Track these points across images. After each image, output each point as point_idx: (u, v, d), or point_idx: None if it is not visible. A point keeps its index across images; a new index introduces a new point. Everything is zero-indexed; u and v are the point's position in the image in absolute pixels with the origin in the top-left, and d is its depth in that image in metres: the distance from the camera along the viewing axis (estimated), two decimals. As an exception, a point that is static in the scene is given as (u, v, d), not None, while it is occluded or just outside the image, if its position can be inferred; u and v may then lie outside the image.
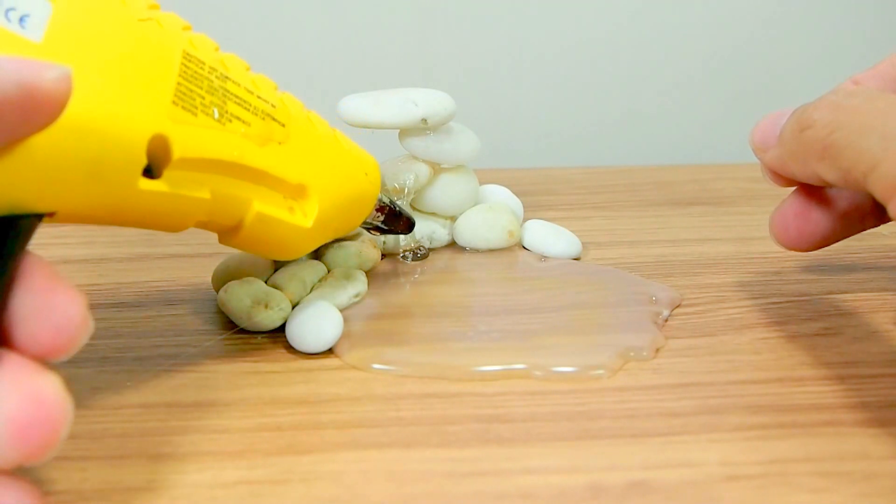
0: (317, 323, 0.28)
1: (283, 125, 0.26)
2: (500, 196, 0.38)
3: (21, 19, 0.19)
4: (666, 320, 0.30)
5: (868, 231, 0.29)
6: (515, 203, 0.39)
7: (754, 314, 0.31)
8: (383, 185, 0.32)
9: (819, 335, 0.29)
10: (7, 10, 0.19)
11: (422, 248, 0.36)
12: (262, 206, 0.26)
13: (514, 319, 0.31)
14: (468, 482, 0.22)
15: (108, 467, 0.22)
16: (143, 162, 0.22)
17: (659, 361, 0.28)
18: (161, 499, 0.21)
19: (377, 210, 0.32)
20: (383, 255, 0.36)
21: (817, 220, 0.28)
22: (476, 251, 0.37)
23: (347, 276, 0.32)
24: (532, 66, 0.57)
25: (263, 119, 0.25)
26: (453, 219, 0.37)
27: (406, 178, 0.35)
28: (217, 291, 0.31)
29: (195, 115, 0.23)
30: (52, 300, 0.19)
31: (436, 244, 0.37)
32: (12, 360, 0.18)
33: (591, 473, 0.22)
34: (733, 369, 0.27)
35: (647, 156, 0.57)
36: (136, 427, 0.24)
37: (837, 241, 0.28)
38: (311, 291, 0.31)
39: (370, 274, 0.34)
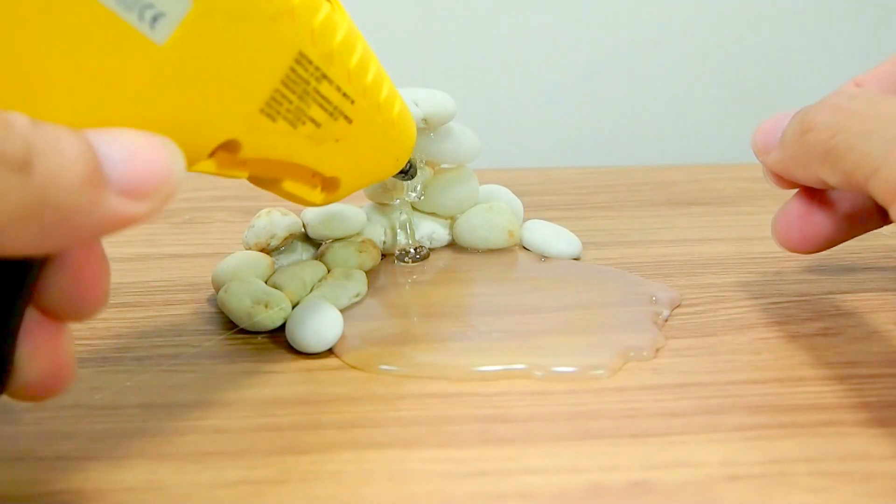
0: (317, 323, 0.28)
1: (351, 121, 0.25)
2: (500, 196, 0.38)
3: (155, 18, 0.18)
4: (666, 320, 0.30)
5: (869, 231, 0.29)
6: (515, 203, 0.39)
7: (754, 314, 0.31)
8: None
9: (819, 335, 0.29)
10: (144, 8, 0.17)
11: (422, 249, 0.36)
12: (290, 185, 0.26)
13: (514, 319, 0.31)
14: (468, 482, 0.22)
15: (108, 467, 0.22)
16: (205, 159, 0.21)
17: (659, 361, 0.28)
18: (161, 499, 0.21)
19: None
20: (383, 255, 0.36)
21: (820, 222, 0.28)
22: (476, 251, 0.37)
23: (347, 276, 0.32)
24: (532, 67, 0.57)
25: (336, 119, 0.24)
26: (453, 219, 0.37)
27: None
28: (217, 291, 0.31)
29: (275, 121, 0.22)
30: None
31: (436, 244, 0.37)
32: None
33: (591, 473, 0.22)
34: (733, 369, 0.27)
35: (647, 156, 0.57)
36: (136, 427, 0.24)
37: (841, 242, 0.28)
38: (311, 291, 0.31)
39: (370, 274, 0.34)
